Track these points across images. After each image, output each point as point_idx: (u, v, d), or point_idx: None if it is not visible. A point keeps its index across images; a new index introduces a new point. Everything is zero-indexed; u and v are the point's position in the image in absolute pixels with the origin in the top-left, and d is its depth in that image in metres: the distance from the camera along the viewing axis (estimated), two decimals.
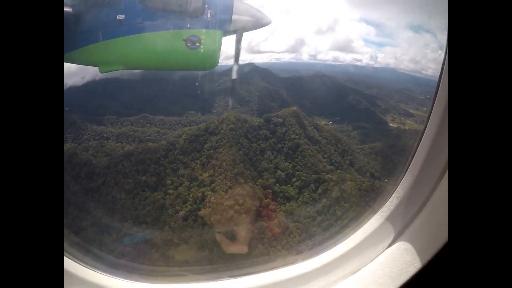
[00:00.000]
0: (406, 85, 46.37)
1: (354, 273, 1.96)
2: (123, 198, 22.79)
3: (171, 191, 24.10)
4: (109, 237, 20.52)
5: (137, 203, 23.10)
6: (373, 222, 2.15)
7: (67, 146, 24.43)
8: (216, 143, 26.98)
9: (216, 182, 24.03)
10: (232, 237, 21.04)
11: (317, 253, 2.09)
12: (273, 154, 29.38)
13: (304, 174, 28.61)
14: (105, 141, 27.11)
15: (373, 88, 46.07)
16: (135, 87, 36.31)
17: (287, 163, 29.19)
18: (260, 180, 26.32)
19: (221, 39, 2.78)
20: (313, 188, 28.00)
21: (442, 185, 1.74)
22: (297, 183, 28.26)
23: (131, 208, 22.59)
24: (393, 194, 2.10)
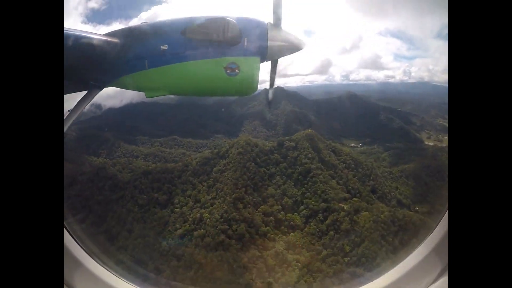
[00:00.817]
0: (443, 98, 40.15)
1: None
2: (135, 211, 25.66)
3: (177, 209, 25.90)
4: (116, 243, 23.33)
5: (146, 217, 25.64)
6: (416, 255, 1.92)
7: (99, 160, 29.22)
8: (224, 167, 28.06)
9: (215, 205, 24.86)
10: (219, 263, 21.19)
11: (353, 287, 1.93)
12: (282, 179, 28.74)
13: (313, 202, 26.96)
14: (134, 159, 31.25)
15: (407, 105, 41.67)
16: (169, 111, 40.98)
17: (296, 190, 28.07)
18: (262, 207, 25.94)
19: (258, 65, 2.99)
20: (321, 218, 26.06)
21: None
22: (304, 211, 26.79)
23: (140, 220, 25.20)
24: (439, 224, 1.88)
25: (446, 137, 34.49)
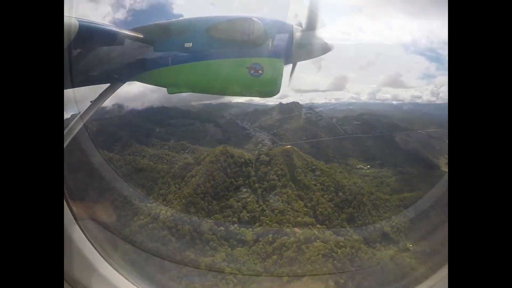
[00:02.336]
0: None
1: None
2: (119, 200, 30.41)
3: (149, 204, 29.41)
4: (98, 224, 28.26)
5: (126, 210, 30.01)
6: None
7: (109, 155, 35.47)
8: (195, 172, 30.15)
9: (173, 204, 27.06)
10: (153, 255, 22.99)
11: None
12: (247, 193, 28.57)
13: (268, 221, 25.71)
14: (139, 158, 36.80)
15: (430, 127, 34.03)
16: (185, 117, 45.81)
17: (257, 206, 27.35)
18: (216, 215, 26.55)
19: (282, 66, 3.00)
20: (270, 239, 24.54)
21: None
22: (258, 229, 25.83)
23: (121, 210, 29.70)
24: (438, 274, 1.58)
25: None
